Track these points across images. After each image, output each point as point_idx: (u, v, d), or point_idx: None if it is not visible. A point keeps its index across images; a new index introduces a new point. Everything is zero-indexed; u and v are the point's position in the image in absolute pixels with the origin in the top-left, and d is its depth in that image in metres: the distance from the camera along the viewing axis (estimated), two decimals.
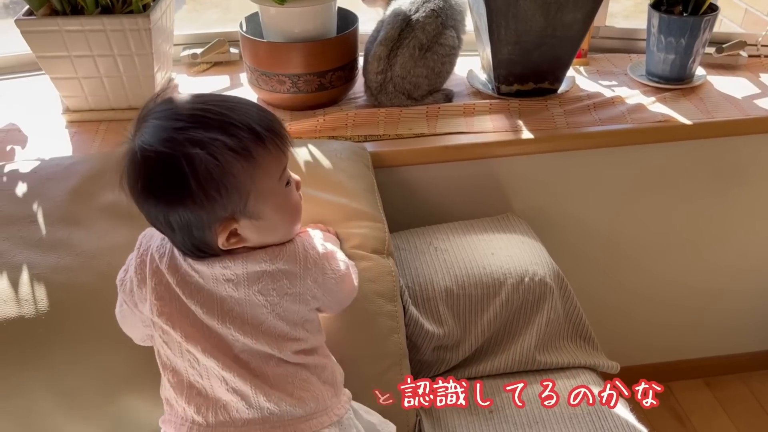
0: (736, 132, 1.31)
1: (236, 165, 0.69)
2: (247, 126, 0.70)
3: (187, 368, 0.78)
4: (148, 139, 0.69)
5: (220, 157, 0.68)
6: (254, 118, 0.71)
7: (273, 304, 0.76)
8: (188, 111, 0.70)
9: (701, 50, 1.35)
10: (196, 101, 0.72)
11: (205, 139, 0.68)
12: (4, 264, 0.91)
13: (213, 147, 0.68)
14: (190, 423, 0.77)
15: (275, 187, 0.74)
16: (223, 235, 0.72)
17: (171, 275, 0.76)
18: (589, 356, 1.12)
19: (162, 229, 0.75)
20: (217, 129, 0.69)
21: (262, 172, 0.71)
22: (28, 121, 1.30)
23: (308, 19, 1.24)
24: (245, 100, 0.75)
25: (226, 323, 0.76)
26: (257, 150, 0.70)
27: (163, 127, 0.69)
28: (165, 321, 0.76)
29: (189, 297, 0.76)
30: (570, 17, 1.23)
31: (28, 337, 0.86)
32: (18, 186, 1.01)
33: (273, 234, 0.76)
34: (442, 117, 1.29)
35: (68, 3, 1.18)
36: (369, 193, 1.07)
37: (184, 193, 0.68)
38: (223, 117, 0.70)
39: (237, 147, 0.69)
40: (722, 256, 1.52)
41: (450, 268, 1.10)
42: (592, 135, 1.26)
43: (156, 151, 0.68)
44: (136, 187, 0.71)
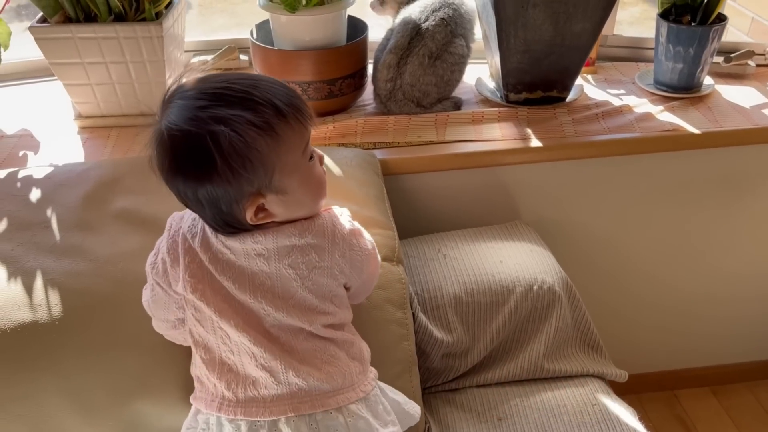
0: (745, 141, 1.31)
1: (260, 140, 0.70)
2: (269, 102, 0.71)
3: (219, 345, 0.79)
4: (174, 119, 0.71)
5: (243, 133, 0.70)
6: (276, 94, 0.72)
7: (302, 277, 0.78)
8: (211, 90, 0.71)
9: (709, 60, 1.36)
10: (218, 80, 0.73)
11: (228, 116, 0.69)
12: (18, 269, 0.91)
13: (236, 123, 0.69)
14: (220, 399, 0.79)
15: (299, 162, 0.75)
16: (251, 209, 0.74)
17: (204, 253, 0.78)
18: (598, 364, 1.12)
19: (192, 206, 0.76)
20: (239, 106, 0.70)
21: (286, 146, 0.73)
22: (41, 127, 1.31)
23: (318, 27, 1.25)
24: (267, 77, 0.76)
25: (258, 297, 0.77)
26: (280, 125, 0.72)
27: (187, 106, 0.71)
28: (198, 297, 0.78)
29: (221, 273, 0.78)
30: (579, 27, 1.24)
31: (41, 342, 0.86)
32: (32, 192, 1.02)
33: (300, 208, 0.78)
34: (451, 125, 1.30)
35: (82, 10, 1.19)
36: (379, 200, 1.08)
37: (211, 170, 0.70)
38: (245, 94, 0.71)
39: (260, 123, 0.70)
40: (729, 265, 1.53)
41: (459, 275, 1.11)
42: (600, 143, 1.27)
43: (181, 129, 0.70)
44: (164, 166, 0.73)
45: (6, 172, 1.07)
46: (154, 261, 0.83)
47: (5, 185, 1.04)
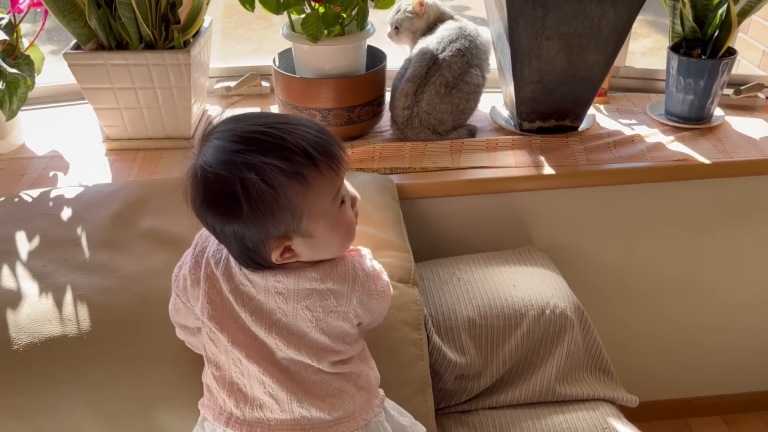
0: (754, 172, 1.33)
1: (289, 188, 0.72)
2: (303, 150, 0.73)
3: (230, 365, 0.82)
4: (209, 159, 0.73)
5: (272, 182, 0.71)
6: (311, 141, 0.74)
7: (318, 319, 0.80)
8: (247, 134, 0.73)
9: (719, 92, 1.39)
10: (256, 123, 0.75)
11: (259, 163, 0.71)
12: (49, 285, 0.95)
13: (267, 172, 0.71)
14: (228, 414, 0.82)
15: (328, 208, 0.77)
16: (276, 251, 0.76)
17: (225, 282, 0.81)
18: (609, 389, 1.14)
19: (219, 239, 0.79)
20: (272, 153, 0.72)
21: (315, 194, 0.74)
22: (70, 149, 1.36)
23: (339, 56, 1.30)
24: (305, 121, 0.77)
25: (273, 333, 0.80)
26: (311, 174, 0.73)
27: (223, 148, 0.73)
28: (215, 324, 0.81)
29: (240, 305, 0.80)
30: (591, 59, 1.27)
31: (70, 356, 0.90)
32: (63, 210, 1.07)
33: (326, 251, 0.80)
34: (466, 151, 1.33)
35: (114, 38, 1.24)
36: (395, 224, 1.11)
37: (238, 213, 0.73)
38: (280, 140, 0.73)
39: (291, 171, 0.72)
40: (739, 294, 1.54)
41: (473, 298, 1.13)
42: (611, 172, 1.29)
43: (215, 172, 0.72)
44: (196, 202, 0.76)
45: (39, 192, 1.12)
46: (177, 274, 0.87)
47: (38, 204, 1.08)
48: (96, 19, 1.19)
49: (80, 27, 1.22)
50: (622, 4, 1.20)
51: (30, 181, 1.25)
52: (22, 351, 0.89)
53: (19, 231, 1.03)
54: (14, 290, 0.94)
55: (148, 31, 1.22)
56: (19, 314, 0.91)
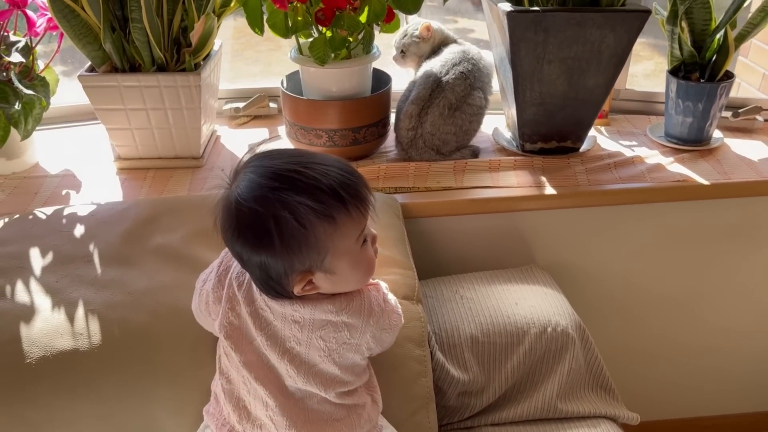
0: (753, 193, 1.36)
1: (318, 227, 0.76)
2: (335, 192, 0.76)
3: (240, 382, 0.85)
4: (244, 192, 0.76)
5: (305, 220, 0.75)
6: (342, 183, 0.77)
7: (331, 350, 0.83)
8: (283, 171, 0.76)
9: (718, 114, 1.42)
10: (291, 162, 0.78)
11: (294, 202, 0.74)
12: (61, 300, 0.97)
13: (300, 211, 0.74)
14: (230, 427, 0.85)
15: (351, 247, 0.80)
16: (299, 284, 0.79)
17: (246, 305, 0.84)
18: (610, 407, 1.15)
19: (244, 266, 0.82)
20: (306, 193, 0.75)
21: (342, 234, 0.78)
22: (82, 167, 1.39)
23: (345, 78, 1.33)
24: (337, 162, 0.79)
25: (285, 359, 0.83)
26: (340, 215, 0.76)
27: (259, 184, 0.76)
28: (231, 344, 0.84)
29: (257, 328, 0.83)
30: (592, 82, 1.30)
31: (81, 370, 0.92)
32: (76, 228, 1.09)
33: (345, 286, 0.83)
34: (469, 172, 1.36)
35: (127, 61, 1.28)
36: (400, 242, 1.13)
37: (268, 247, 0.76)
38: (315, 181, 0.76)
39: (322, 211, 0.75)
40: (740, 314, 1.55)
41: (475, 316, 1.15)
42: (612, 192, 1.32)
43: (249, 206, 0.75)
44: (228, 231, 0.79)
45: (52, 210, 1.15)
46: (202, 288, 0.90)
47: (52, 222, 1.11)
48: (110, 42, 1.23)
49: (95, 50, 1.25)
50: (622, 29, 1.24)
51: (43, 199, 1.28)
52: (34, 364, 0.91)
53: (33, 247, 1.06)
54: (27, 305, 0.96)
55: (160, 54, 1.26)
56: (32, 328, 0.94)
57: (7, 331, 0.93)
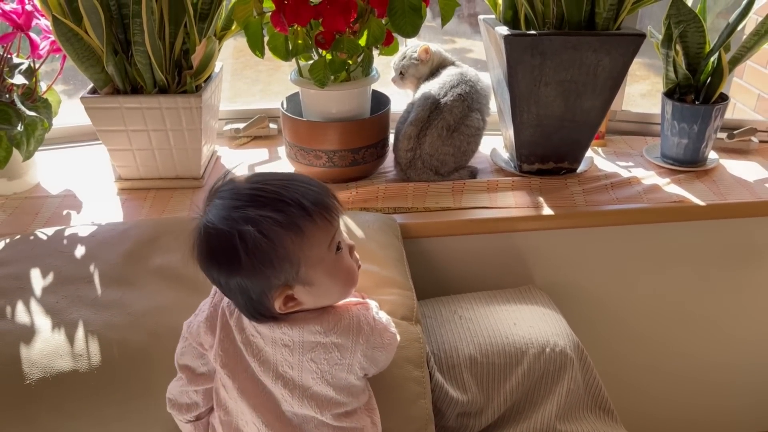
0: (748, 213, 1.37)
1: (285, 238, 0.77)
2: (296, 202, 0.77)
3: (238, 413, 0.85)
4: (211, 217, 0.78)
5: (269, 233, 0.75)
6: (305, 193, 0.79)
7: (323, 371, 0.83)
8: (246, 190, 0.78)
9: (713, 136, 1.43)
10: (254, 181, 0.80)
11: (257, 216, 0.76)
12: (61, 321, 0.98)
13: (263, 224, 0.75)
14: None
15: (324, 255, 0.80)
16: (279, 300, 0.80)
17: (238, 333, 0.85)
18: (609, 428, 1.15)
19: (225, 293, 0.83)
20: (269, 206, 0.77)
21: (310, 242, 0.78)
22: (83, 188, 1.40)
23: (345, 100, 1.35)
24: (300, 177, 0.82)
25: (279, 384, 0.83)
26: (305, 223, 0.78)
27: (224, 206, 0.78)
28: (227, 373, 0.84)
29: (250, 354, 0.84)
30: (588, 104, 1.32)
31: (81, 390, 0.92)
32: (77, 248, 1.10)
33: (328, 297, 0.84)
34: (467, 192, 1.37)
35: (129, 83, 1.30)
36: (398, 262, 1.14)
37: (238, 265, 0.77)
38: (276, 195, 0.77)
39: (286, 222, 0.76)
40: (737, 334, 1.55)
41: (474, 336, 1.15)
42: (609, 213, 1.33)
43: (215, 228, 0.77)
44: (201, 258, 0.80)
45: (53, 230, 1.15)
46: (192, 321, 0.90)
47: (53, 242, 1.12)
48: (113, 65, 1.25)
49: (97, 72, 1.27)
50: (617, 52, 1.26)
51: (44, 220, 1.28)
52: (34, 386, 0.91)
53: (33, 268, 1.06)
54: (27, 325, 0.97)
55: (162, 76, 1.27)
56: (32, 349, 0.94)
57: (7, 353, 0.93)
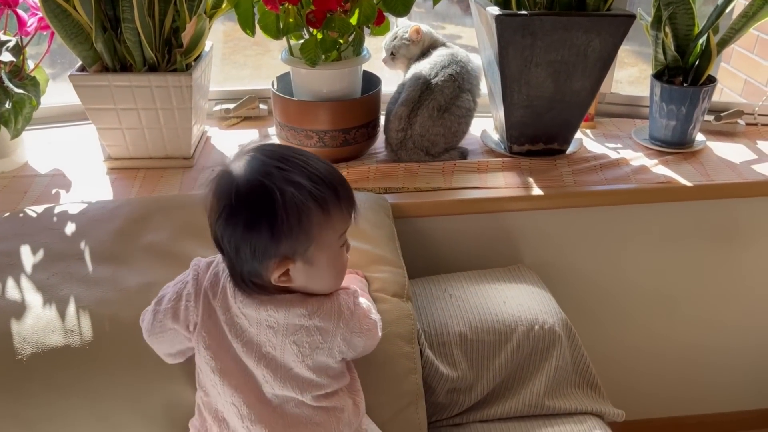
0: (734, 194, 1.39)
1: (314, 212, 0.79)
2: (332, 186, 0.81)
3: (216, 394, 0.86)
4: (248, 169, 0.79)
5: (305, 200, 0.78)
6: (340, 181, 0.83)
7: (304, 354, 0.84)
8: (289, 156, 0.81)
9: (701, 118, 1.45)
10: (300, 152, 0.83)
11: (299, 182, 0.78)
12: (52, 297, 0.98)
13: (302, 191, 0.78)
14: None
15: (334, 243, 0.84)
16: (278, 270, 0.80)
17: (222, 313, 0.85)
18: (596, 403, 1.17)
19: (226, 251, 0.82)
20: (308, 179, 0.79)
21: (330, 225, 0.81)
22: (72, 167, 1.39)
23: (336, 80, 1.35)
24: (339, 174, 0.85)
25: (261, 365, 0.84)
26: (334, 207, 0.81)
27: (264, 162, 0.79)
28: (210, 354, 0.85)
29: (234, 336, 0.85)
30: (578, 84, 1.33)
31: (72, 365, 0.92)
32: (67, 226, 1.09)
33: (318, 283, 0.85)
34: (458, 173, 1.38)
35: (118, 61, 1.29)
36: (390, 241, 1.15)
37: (267, 221, 0.77)
38: (316, 171, 0.80)
39: (321, 198, 0.79)
40: (723, 313, 1.58)
41: (464, 314, 1.16)
42: (598, 193, 1.34)
43: (255, 179, 0.78)
44: (224, 207, 0.78)
45: (43, 208, 1.15)
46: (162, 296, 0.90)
47: (42, 220, 1.11)
48: (102, 42, 1.23)
49: (86, 50, 1.26)
50: (607, 33, 1.26)
51: (33, 198, 1.28)
52: (26, 361, 0.91)
53: (23, 245, 1.06)
54: (19, 302, 0.97)
55: (151, 54, 1.26)
56: (23, 325, 0.94)
57: None
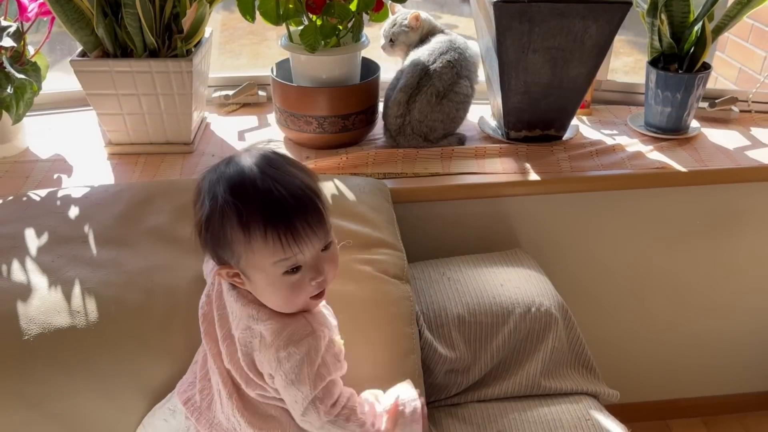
0: (728, 180, 1.41)
1: (235, 231, 0.77)
2: (262, 210, 0.76)
3: (210, 362, 0.89)
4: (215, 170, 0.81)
5: (227, 215, 0.76)
6: (282, 207, 0.76)
7: (244, 353, 0.85)
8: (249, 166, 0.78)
9: (695, 104, 1.46)
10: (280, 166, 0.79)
11: (227, 197, 0.76)
12: (58, 279, 0.99)
13: (229, 204, 0.76)
14: (193, 398, 0.90)
15: (267, 269, 0.79)
16: (223, 270, 0.82)
17: (216, 299, 0.89)
18: (591, 384, 1.19)
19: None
20: (245, 196, 0.76)
21: (254, 250, 0.77)
22: (73, 152, 1.40)
23: (335, 66, 1.36)
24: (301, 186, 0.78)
25: (225, 343, 0.87)
26: (255, 233, 0.76)
27: (229, 166, 0.80)
28: (206, 341, 0.89)
29: (217, 307, 0.89)
30: (575, 71, 1.34)
31: (78, 346, 0.93)
32: (70, 210, 1.11)
33: (265, 299, 0.83)
34: (456, 158, 1.39)
35: (119, 46, 1.30)
36: (389, 224, 1.16)
37: (195, 224, 0.82)
38: (256, 191, 0.76)
39: (241, 219, 0.76)
40: (716, 297, 1.60)
41: (462, 297, 1.18)
42: (594, 179, 1.36)
43: (200, 180, 0.82)
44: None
45: (46, 192, 1.16)
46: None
47: (46, 203, 1.13)
48: (103, 27, 1.24)
49: (87, 35, 1.26)
50: (604, 20, 1.27)
51: (35, 183, 1.29)
52: (32, 341, 0.92)
53: (28, 228, 1.07)
54: (25, 283, 0.98)
55: (152, 39, 1.27)
56: (29, 306, 0.95)
57: (5, 309, 0.94)
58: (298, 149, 1.42)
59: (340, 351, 0.88)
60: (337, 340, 0.88)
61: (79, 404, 0.92)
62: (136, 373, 0.95)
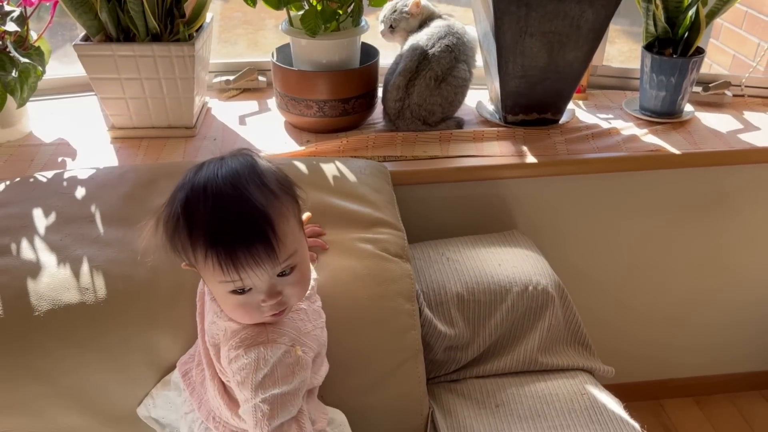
0: (721, 162, 1.43)
1: (184, 242, 0.77)
2: (210, 229, 0.74)
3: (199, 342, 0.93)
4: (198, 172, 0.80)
5: (177, 227, 0.77)
6: (226, 233, 0.74)
7: (211, 344, 0.88)
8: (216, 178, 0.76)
9: (689, 88, 1.49)
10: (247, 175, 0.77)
11: (179, 207, 0.77)
12: (67, 257, 1.01)
13: (179, 218, 0.76)
14: (190, 372, 0.94)
15: (215, 285, 0.79)
16: (188, 266, 0.83)
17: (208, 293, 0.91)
18: (587, 360, 1.22)
19: None
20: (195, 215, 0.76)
21: (200, 268, 0.79)
22: (76, 136, 1.42)
23: (335, 50, 1.38)
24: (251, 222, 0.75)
25: (203, 324, 0.91)
26: (198, 250, 0.76)
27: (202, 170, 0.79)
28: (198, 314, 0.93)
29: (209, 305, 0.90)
30: (571, 55, 1.36)
31: (88, 321, 0.96)
32: (77, 190, 1.13)
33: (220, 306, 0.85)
34: (454, 142, 1.42)
35: (122, 30, 1.31)
36: (390, 205, 1.18)
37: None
38: (203, 210, 0.75)
39: (189, 234, 0.76)
40: (710, 278, 1.63)
41: (461, 276, 1.21)
42: (590, 161, 1.38)
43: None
44: None
45: (52, 173, 1.18)
46: None
47: (52, 184, 1.15)
48: (106, 11, 1.26)
49: (90, 19, 1.28)
50: (600, 4, 1.30)
51: (39, 166, 1.31)
52: (43, 317, 0.95)
53: (35, 208, 1.09)
54: (34, 261, 1.00)
55: (155, 23, 1.29)
56: (39, 283, 0.97)
57: (15, 286, 0.97)
58: (298, 133, 1.44)
59: (297, 362, 0.82)
60: (296, 351, 0.83)
61: (89, 378, 0.95)
62: (144, 347, 0.97)
